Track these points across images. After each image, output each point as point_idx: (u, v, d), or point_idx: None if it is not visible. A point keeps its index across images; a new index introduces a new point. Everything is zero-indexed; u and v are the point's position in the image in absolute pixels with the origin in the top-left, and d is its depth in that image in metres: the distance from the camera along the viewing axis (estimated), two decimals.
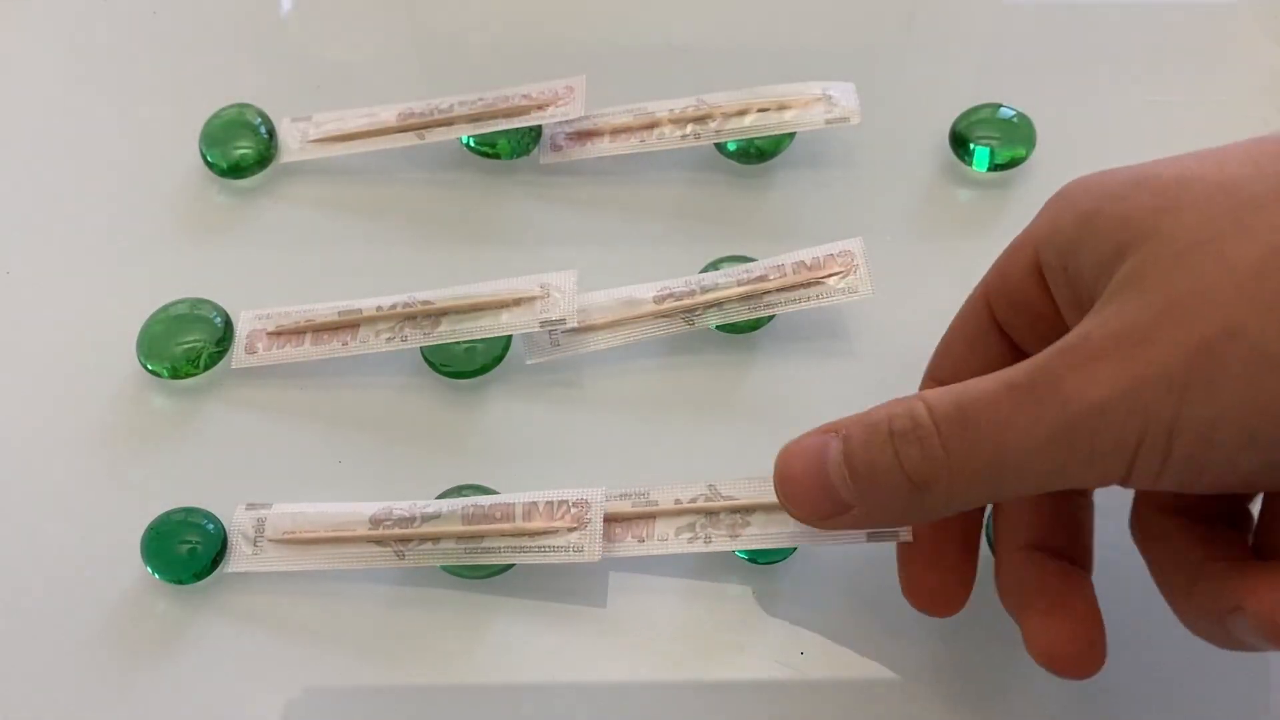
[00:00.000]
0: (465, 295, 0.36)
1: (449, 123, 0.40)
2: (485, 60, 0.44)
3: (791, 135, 0.40)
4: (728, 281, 0.36)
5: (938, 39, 0.45)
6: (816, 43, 0.45)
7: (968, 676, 0.32)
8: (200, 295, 0.38)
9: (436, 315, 0.36)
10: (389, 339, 0.36)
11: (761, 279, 0.36)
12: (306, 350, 0.36)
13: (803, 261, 0.36)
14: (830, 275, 0.35)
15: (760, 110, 0.40)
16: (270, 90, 0.43)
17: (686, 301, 0.36)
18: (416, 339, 0.35)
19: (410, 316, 0.36)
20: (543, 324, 0.35)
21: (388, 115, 0.41)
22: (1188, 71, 0.44)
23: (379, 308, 0.36)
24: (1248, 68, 0.44)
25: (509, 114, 0.40)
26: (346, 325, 0.36)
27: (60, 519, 0.34)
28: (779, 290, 0.36)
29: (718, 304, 0.36)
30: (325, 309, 0.36)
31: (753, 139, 0.40)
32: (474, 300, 0.36)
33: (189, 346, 0.36)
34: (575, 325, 0.35)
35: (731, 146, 0.40)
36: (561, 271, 0.36)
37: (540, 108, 0.40)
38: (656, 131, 0.40)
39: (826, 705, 0.31)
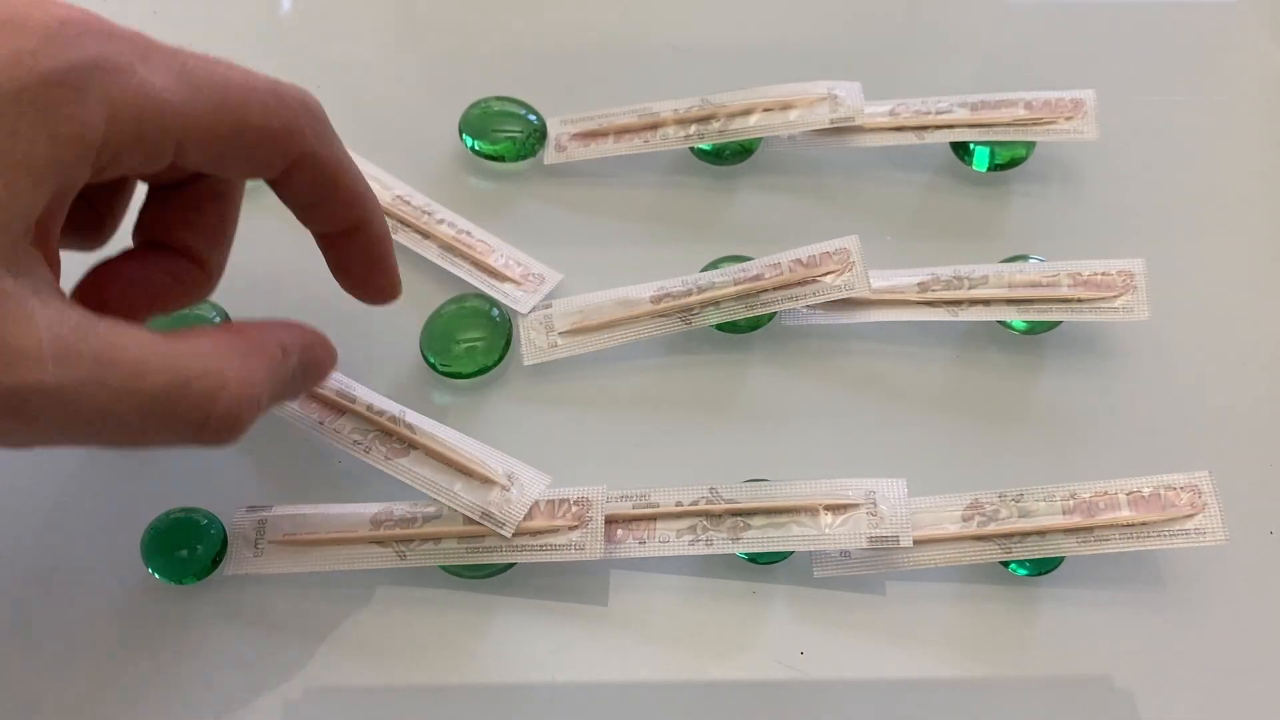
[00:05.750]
0: None
1: None
2: (487, 61, 0.44)
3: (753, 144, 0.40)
4: (724, 280, 0.36)
5: (939, 39, 0.45)
6: (819, 42, 0.45)
7: (967, 676, 0.32)
8: None
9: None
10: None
11: (757, 278, 0.36)
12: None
13: (799, 259, 0.36)
14: (827, 273, 0.35)
15: (765, 110, 0.40)
16: None
17: (683, 301, 0.36)
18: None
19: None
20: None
21: (394, 185, 0.40)
22: (1188, 71, 0.44)
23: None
24: (1248, 68, 0.44)
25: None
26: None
27: (60, 519, 0.34)
28: (776, 289, 0.35)
29: (714, 303, 0.36)
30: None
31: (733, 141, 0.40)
32: None
33: None
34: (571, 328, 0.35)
35: (717, 147, 0.40)
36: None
37: None
38: (660, 132, 0.40)
39: (826, 705, 0.31)
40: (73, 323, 0.24)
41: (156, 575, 0.32)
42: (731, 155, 0.41)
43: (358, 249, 0.31)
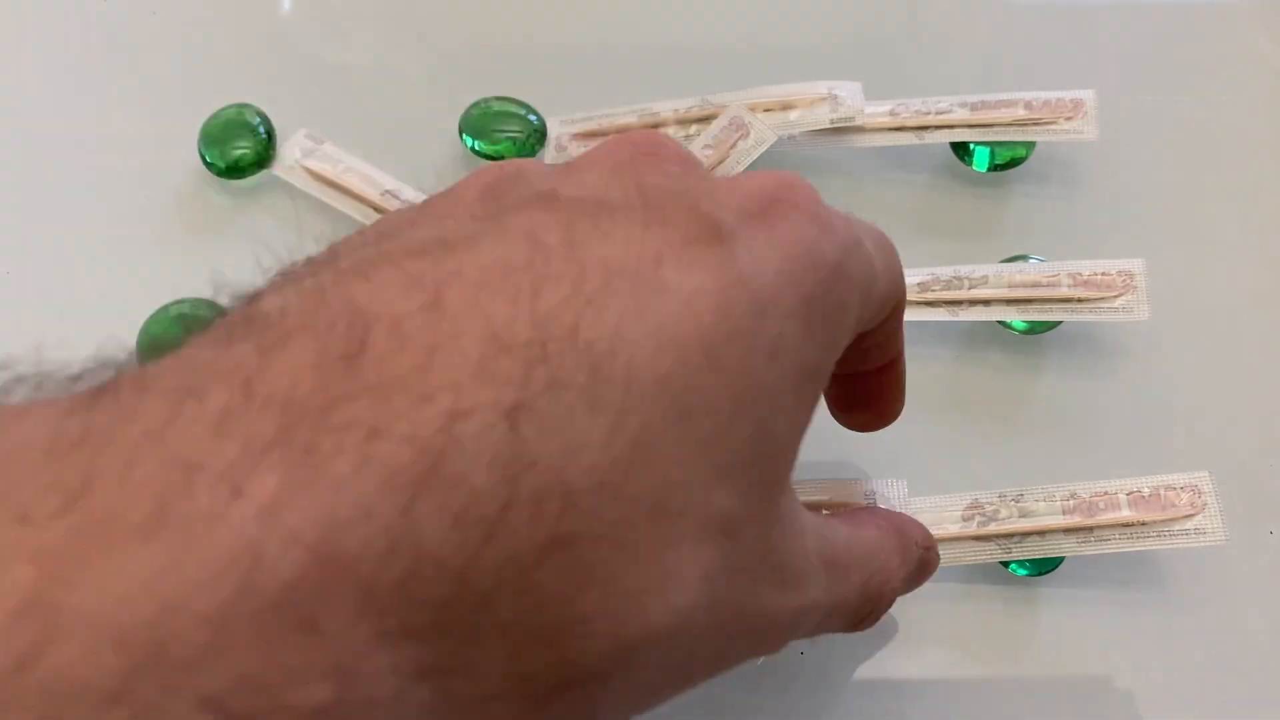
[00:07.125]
0: None
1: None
2: (487, 61, 0.44)
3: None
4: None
5: (939, 39, 0.45)
6: (819, 42, 0.45)
7: (967, 676, 0.32)
8: (200, 295, 0.38)
9: None
10: None
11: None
12: None
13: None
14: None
15: (765, 110, 0.40)
16: (270, 90, 0.42)
17: None
18: None
19: None
20: None
21: (384, 181, 0.40)
22: (1188, 71, 0.44)
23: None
24: (1248, 68, 0.44)
25: None
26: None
27: None
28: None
29: None
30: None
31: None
32: None
33: None
34: None
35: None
36: None
37: None
38: (660, 132, 0.40)
39: (827, 705, 0.31)
40: (814, 528, 0.22)
41: None
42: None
43: (895, 375, 0.28)
